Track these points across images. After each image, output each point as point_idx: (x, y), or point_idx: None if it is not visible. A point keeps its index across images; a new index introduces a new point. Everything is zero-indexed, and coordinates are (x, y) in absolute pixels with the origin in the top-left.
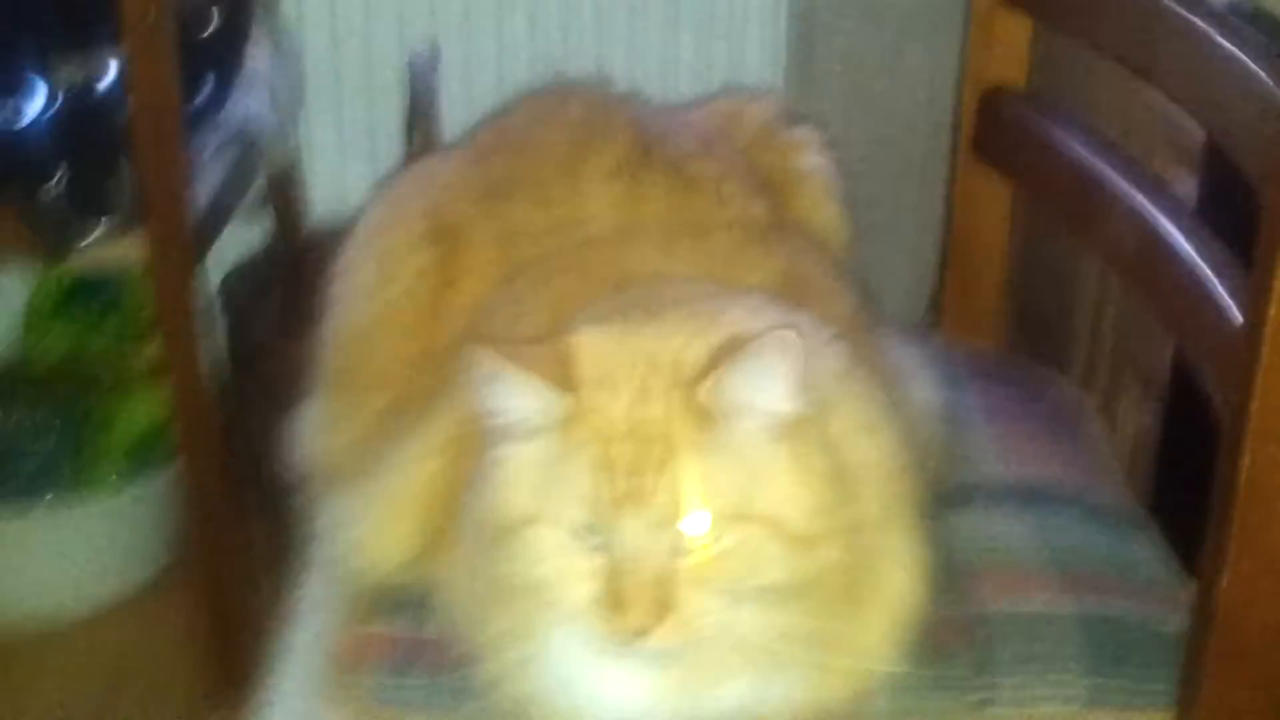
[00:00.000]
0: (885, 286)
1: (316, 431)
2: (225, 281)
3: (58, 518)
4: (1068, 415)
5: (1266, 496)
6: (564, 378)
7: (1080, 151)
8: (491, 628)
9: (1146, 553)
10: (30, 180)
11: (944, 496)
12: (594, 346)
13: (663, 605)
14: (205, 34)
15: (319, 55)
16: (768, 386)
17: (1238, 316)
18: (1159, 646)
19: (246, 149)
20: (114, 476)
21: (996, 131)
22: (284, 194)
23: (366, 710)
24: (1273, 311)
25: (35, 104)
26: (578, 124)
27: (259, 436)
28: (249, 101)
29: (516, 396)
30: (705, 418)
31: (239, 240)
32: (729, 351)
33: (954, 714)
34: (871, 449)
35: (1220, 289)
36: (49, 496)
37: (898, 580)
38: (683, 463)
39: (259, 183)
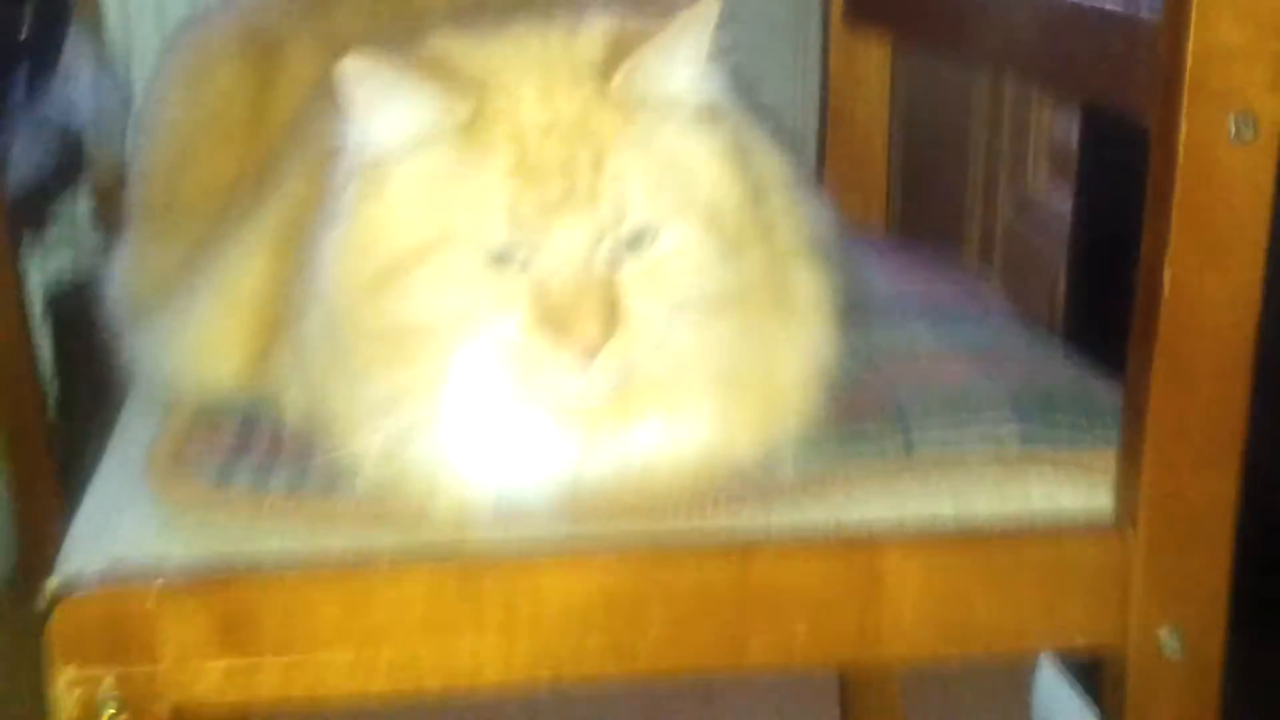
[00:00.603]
0: None
1: (129, 270)
2: (52, 301)
3: None
4: (966, 278)
5: (1206, 170)
6: (456, 77)
7: None
8: (361, 399)
9: (1058, 349)
10: None
11: (850, 312)
12: (471, 50)
13: (610, 317)
14: (14, 33)
15: (148, 71)
16: (684, 67)
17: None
18: (1092, 401)
19: (65, 152)
20: None
21: None
22: (113, 208)
23: (198, 491)
24: None
25: None
26: None
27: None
28: (68, 105)
29: (402, 106)
30: (627, 110)
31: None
32: (643, 36)
33: (876, 464)
34: (771, 162)
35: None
36: None
37: (810, 319)
38: (618, 159)
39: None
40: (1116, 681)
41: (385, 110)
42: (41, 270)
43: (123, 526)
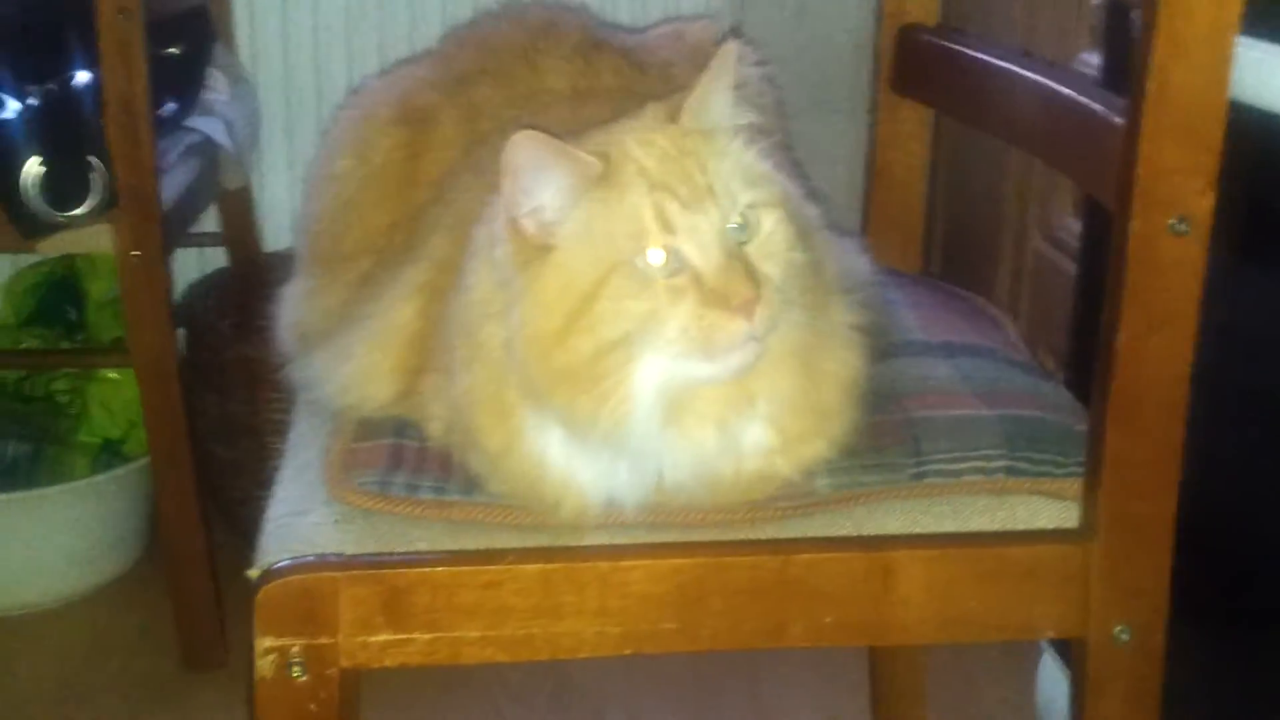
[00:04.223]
0: None
1: (300, 303)
2: (185, 298)
3: (32, 509)
4: (985, 314)
5: (1150, 258)
6: (586, 148)
7: (988, 64)
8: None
9: (1054, 387)
10: (8, 170)
11: (877, 351)
12: (593, 137)
13: (754, 281)
14: (169, 54)
15: (273, 93)
16: (725, 97)
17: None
18: (1070, 436)
19: (206, 165)
20: (86, 471)
21: (912, 65)
22: (239, 217)
23: (365, 498)
24: (1151, 88)
25: (9, 109)
26: (535, 24)
27: (217, 445)
28: (207, 123)
29: (556, 172)
30: (703, 135)
31: (197, 264)
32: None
33: (893, 488)
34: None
35: (1111, 116)
36: (23, 489)
37: (842, 352)
38: (716, 167)
39: (215, 209)
40: (1080, 663)
41: (546, 175)
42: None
43: (306, 525)
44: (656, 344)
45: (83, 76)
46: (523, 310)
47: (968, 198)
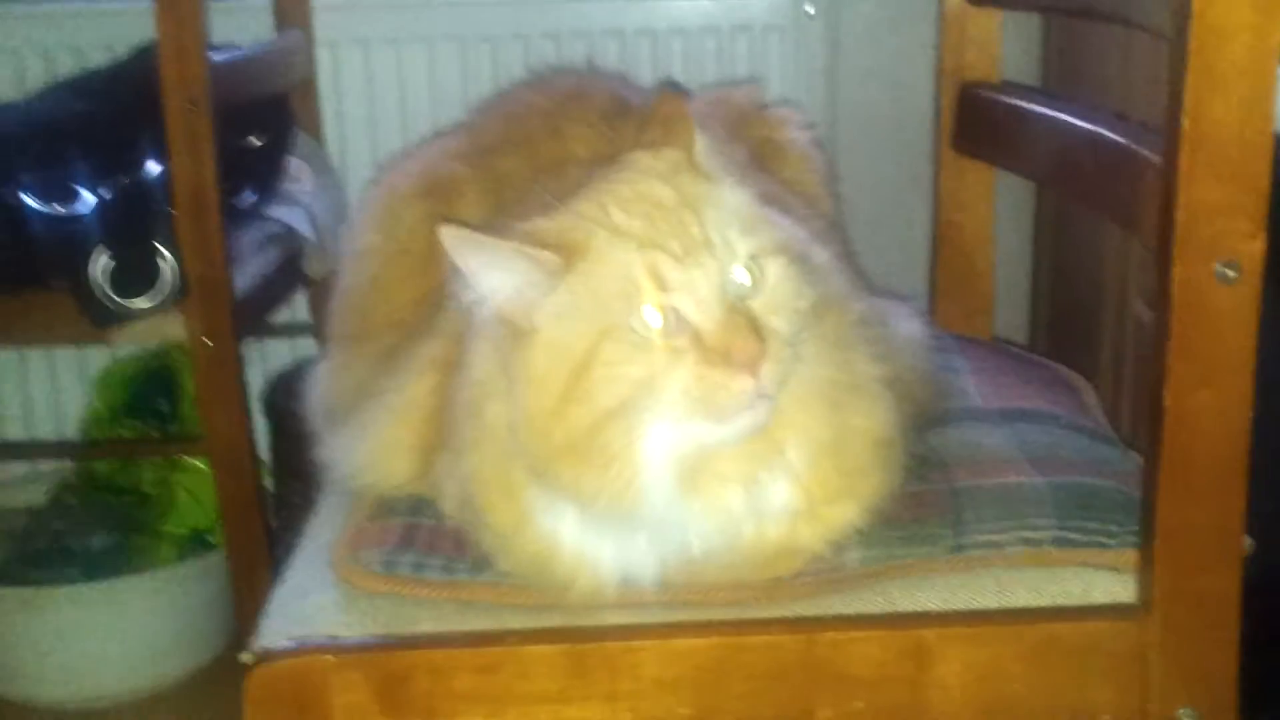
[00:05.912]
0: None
1: (327, 381)
2: (268, 390)
3: (114, 598)
4: (1060, 380)
5: (1197, 306)
6: (544, 235)
7: (1041, 116)
8: (561, 499)
9: (1122, 453)
10: (78, 262)
11: (928, 419)
12: (572, 204)
13: (758, 336)
14: (248, 144)
15: (361, 184)
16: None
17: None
18: (1125, 503)
19: (287, 255)
20: (172, 561)
21: (973, 123)
22: (326, 307)
23: (368, 579)
24: (1186, 125)
25: (85, 203)
26: (562, 91)
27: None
28: (289, 213)
29: (501, 267)
30: (697, 184)
31: (290, 354)
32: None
33: (929, 561)
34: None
35: (1151, 156)
36: (108, 579)
37: (868, 404)
38: (712, 217)
39: (303, 299)
40: None
41: (491, 268)
42: (262, 367)
43: (307, 608)
44: (658, 409)
45: (154, 168)
46: (520, 390)
47: (1071, 266)
